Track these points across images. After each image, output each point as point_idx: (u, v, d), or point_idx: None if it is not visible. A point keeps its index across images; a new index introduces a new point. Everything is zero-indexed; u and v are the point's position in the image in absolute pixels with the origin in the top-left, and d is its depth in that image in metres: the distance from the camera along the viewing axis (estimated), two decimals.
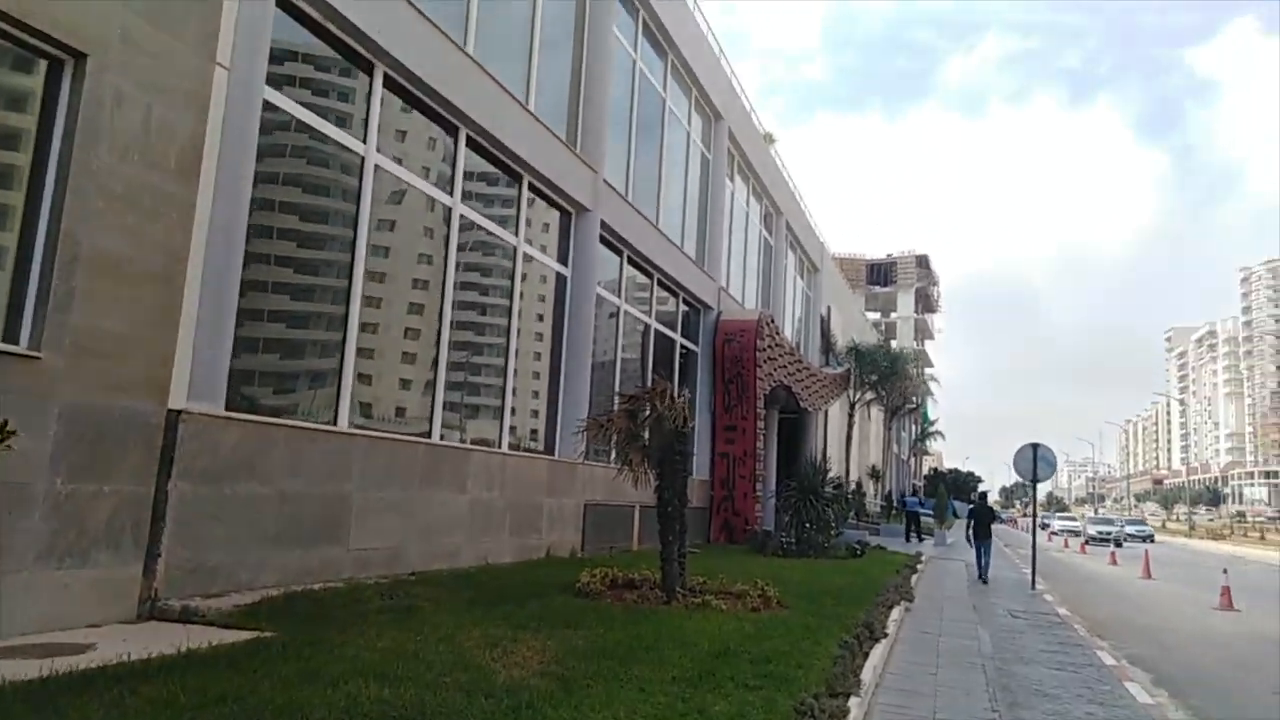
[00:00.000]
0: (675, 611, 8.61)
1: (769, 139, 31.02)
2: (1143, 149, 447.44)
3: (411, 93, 10.48)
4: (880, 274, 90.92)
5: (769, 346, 23.74)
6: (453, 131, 11.45)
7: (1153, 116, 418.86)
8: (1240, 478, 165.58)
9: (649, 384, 11.70)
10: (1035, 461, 16.22)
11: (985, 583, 17.81)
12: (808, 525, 18.70)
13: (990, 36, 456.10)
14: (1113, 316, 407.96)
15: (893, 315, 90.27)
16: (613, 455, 11.85)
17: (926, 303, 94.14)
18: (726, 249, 24.92)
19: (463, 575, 10.02)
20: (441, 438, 10.98)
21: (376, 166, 9.79)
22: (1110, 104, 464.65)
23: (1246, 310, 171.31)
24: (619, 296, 17.30)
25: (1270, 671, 10.22)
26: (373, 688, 4.65)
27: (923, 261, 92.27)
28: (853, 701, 5.50)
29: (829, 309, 40.40)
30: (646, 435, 9.90)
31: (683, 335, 21.18)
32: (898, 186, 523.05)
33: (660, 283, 19.63)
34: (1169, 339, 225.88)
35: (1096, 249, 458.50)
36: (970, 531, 19.77)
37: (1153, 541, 50.12)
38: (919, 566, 18.53)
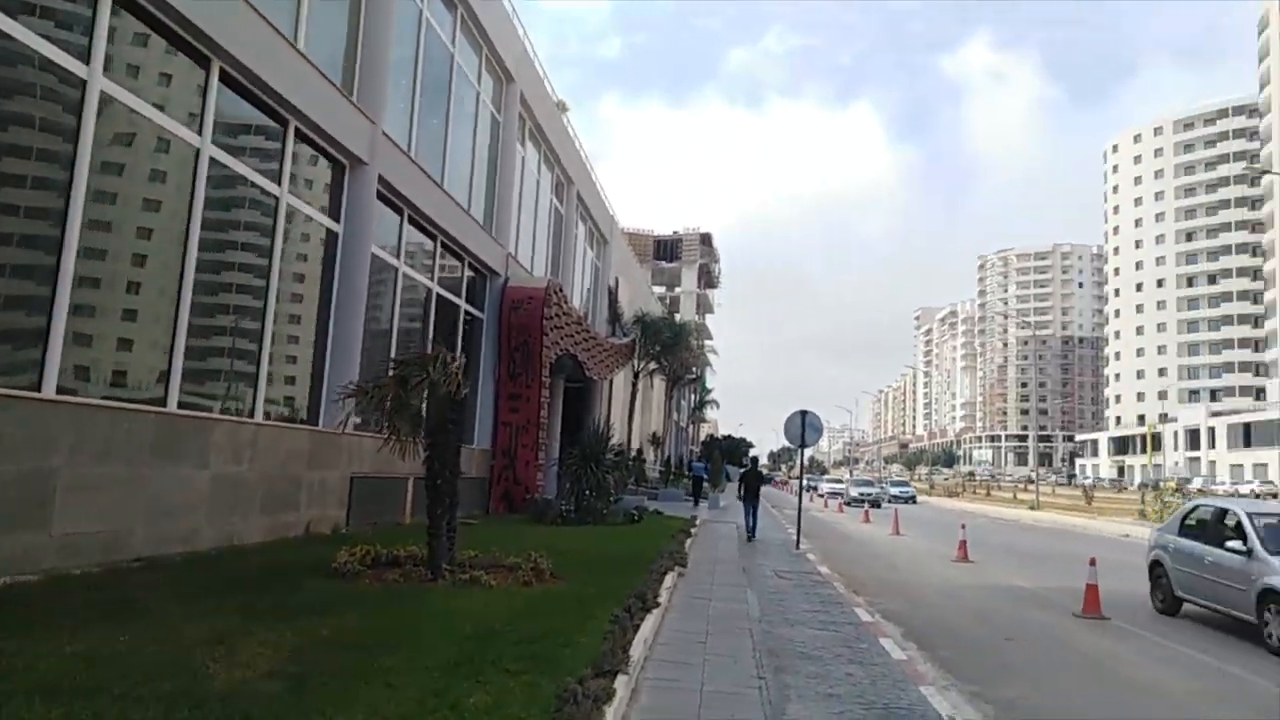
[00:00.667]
0: (441, 590, 8.09)
1: (562, 107, 30.49)
2: (900, 143, 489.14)
3: (152, 14, 9.07)
4: (667, 250, 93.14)
5: (556, 315, 23.41)
6: (204, 63, 10.09)
7: (909, 115, 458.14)
8: (970, 441, 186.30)
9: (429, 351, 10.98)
10: (804, 427, 17.02)
11: (751, 541, 18.92)
12: (587, 492, 18.63)
13: (774, 30, 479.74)
14: (871, 296, 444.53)
15: (677, 290, 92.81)
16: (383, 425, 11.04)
17: (708, 278, 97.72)
18: (516, 215, 24.26)
19: (200, 559, 8.96)
20: (180, 406, 9.72)
21: (103, 94, 8.38)
22: (873, 101, 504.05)
23: (982, 294, 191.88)
24: (398, 258, 16.26)
25: (1002, 620, 11.21)
26: (40, 708, 3.81)
27: (706, 240, 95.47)
28: (620, 680, 5.26)
29: (617, 280, 40.68)
30: (418, 403, 9.23)
31: (468, 302, 20.37)
32: (684, 168, 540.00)
33: (445, 246, 18.70)
34: (917, 318, 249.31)
35: (858, 234, 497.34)
36: (741, 494, 20.70)
37: (915, 502, 51.53)
38: (693, 530, 19.00)
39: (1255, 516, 10.68)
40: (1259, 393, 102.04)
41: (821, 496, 53.57)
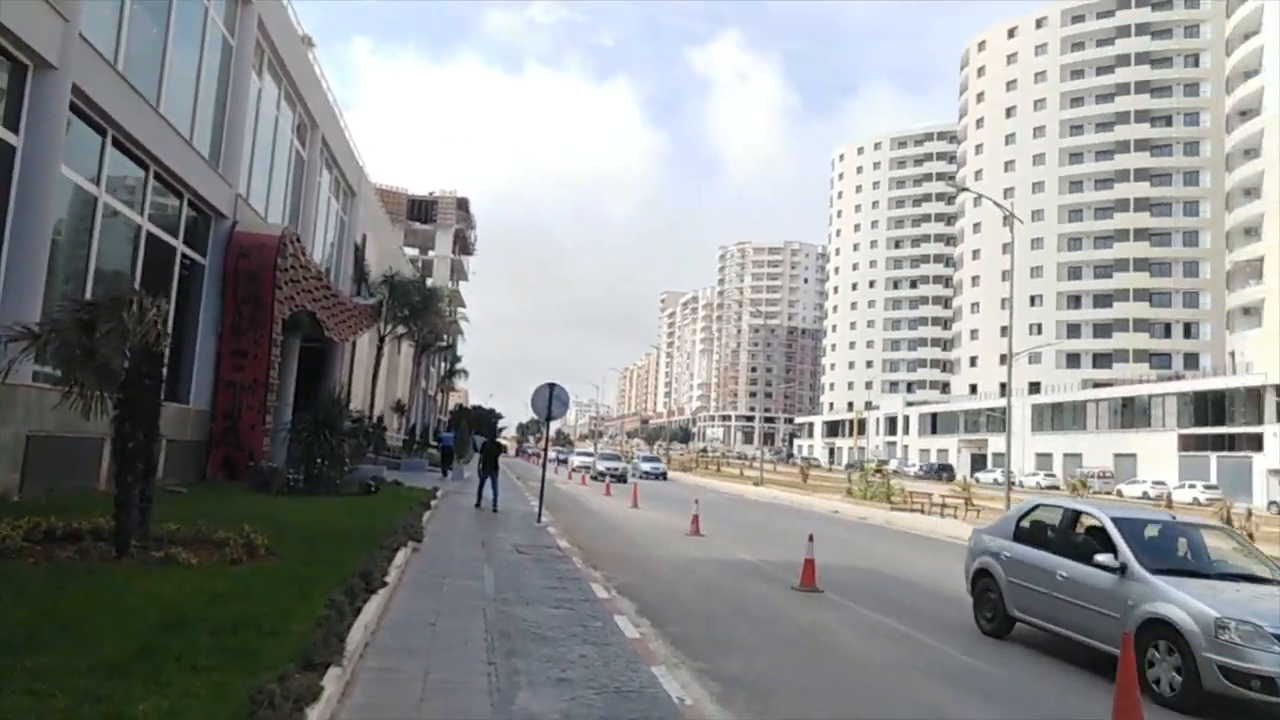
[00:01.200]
0: (125, 570, 6.96)
1: (308, 42, 28.07)
2: (652, 128, 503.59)
3: None
4: (421, 211, 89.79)
5: (292, 267, 21.52)
6: None
7: (660, 101, 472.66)
8: (705, 420, 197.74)
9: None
10: (551, 400, 16.87)
11: (495, 513, 18.57)
12: (319, 461, 17.34)
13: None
14: (621, 276, 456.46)
15: (431, 253, 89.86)
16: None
17: (464, 244, 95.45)
18: (249, 153, 21.96)
19: None
20: None
21: None
22: (630, 83, 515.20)
23: (721, 282, 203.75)
24: (99, 186, 14.05)
25: (728, 593, 11.67)
26: None
27: (463, 204, 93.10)
28: (331, 674, 4.68)
29: (364, 237, 38.41)
30: (108, 354, 7.89)
31: (187, 244, 18.13)
32: (440, 128, 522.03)
33: (161, 179, 16.46)
34: (663, 300, 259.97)
35: (610, 212, 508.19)
36: (480, 466, 20.69)
37: (665, 479, 50.00)
38: (434, 502, 18.31)
39: (1123, 523, 8.81)
40: (945, 387, 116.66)
41: (575, 471, 53.03)
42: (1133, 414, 73.88)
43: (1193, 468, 64.82)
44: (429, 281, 60.65)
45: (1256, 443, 61.82)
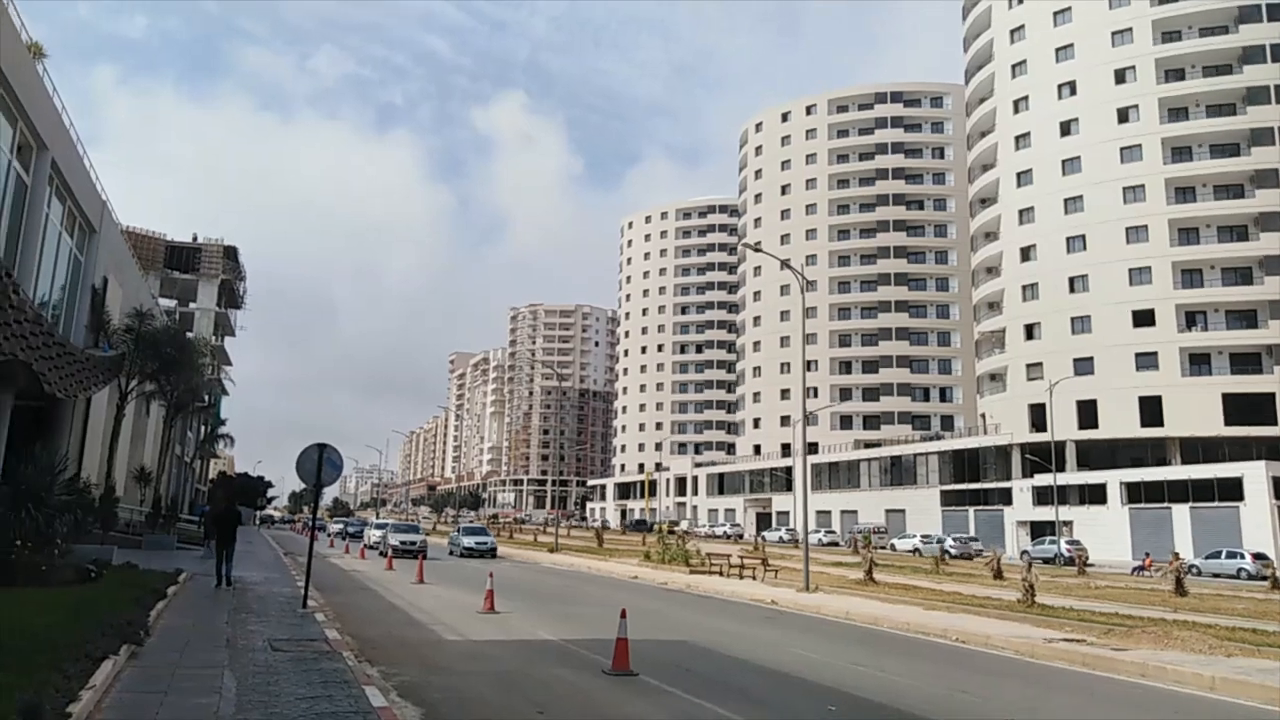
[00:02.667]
0: None
1: (37, 51, 24.29)
2: (434, 187, 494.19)
3: None
4: (182, 259, 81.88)
5: None
6: None
7: (443, 160, 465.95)
8: (496, 484, 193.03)
9: None
10: (321, 463, 14.54)
11: (231, 586, 17.84)
12: (18, 543, 13.93)
13: (326, 50, 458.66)
14: (404, 335, 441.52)
15: (192, 305, 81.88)
16: None
17: (231, 297, 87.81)
18: None
19: None
20: None
21: None
22: (409, 140, 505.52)
23: (513, 343, 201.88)
24: None
25: (532, 684, 10.00)
26: None
27: (230, 253, 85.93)
28: None
29: (105, 280, 33.62)
30: None
31: None
32: (201, 171, 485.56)
33: None
34: (452, 361, 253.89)
35: (390, 269, 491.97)
36: (211, 537, 20.10)
37: (495, 555, 38.54)
38: (172, 589, 15.26)
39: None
40: (730, 448, 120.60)
41: (369, 547, 47.53)
42: (901, 472, 79.10)
43: (954, 520, 69.96)
44: (190, 335, 54.83)
45: (1006, 497, 67.78)
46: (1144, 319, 63.47)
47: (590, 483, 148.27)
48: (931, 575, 33.49)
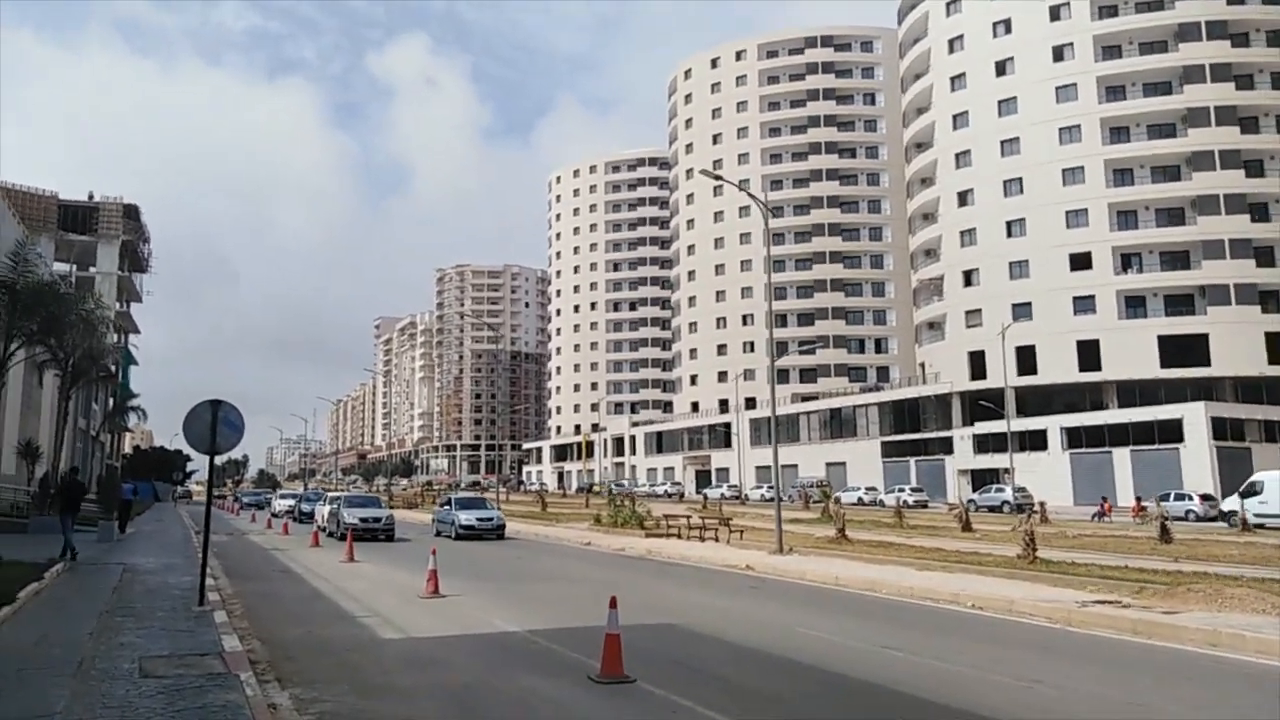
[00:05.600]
0: None
1: None
2: (333, 131, 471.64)
3: None
4: (78, 219, 75.37)
5: None
6: None
7: (340, 108, 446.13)
8: (428, 451, 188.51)
9: None
10: (215, 423, 11.67)
11: (74, 559, 16.95)
12: None
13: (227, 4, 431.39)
14: (313, 297, 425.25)
15: (92, 269, 75.77)
16: None
17: (135, 260, 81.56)
18: None
19: None
20: None
21: None
22: (304, 87, 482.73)
23: (441, 305, 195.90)
24: None
25: (500, 704, 7.54)
26: None
27: (131, 212, 79.50)
28: None
29: None
30: None
31: None
32: (76, 122, 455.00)
33: None
34: (378, 327, 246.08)
35: (290, 228, 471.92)
36: (60, 509, 18.62)
37: (504, 536, 29.38)
38: (32, 588, 12.28)
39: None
40: (667, 406, 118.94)
41: (277, 516, 43.57)
42: (840, 424, 78.46)
43: (895, 472, 69.56)
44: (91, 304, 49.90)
45: (947, 446, 67.52)
46: (1081, 262, 63.28)
47: (525, 446, 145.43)
48: (898, 530, 32.01)
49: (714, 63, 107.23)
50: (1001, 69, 68.51)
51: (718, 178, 27.04)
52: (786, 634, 11.35)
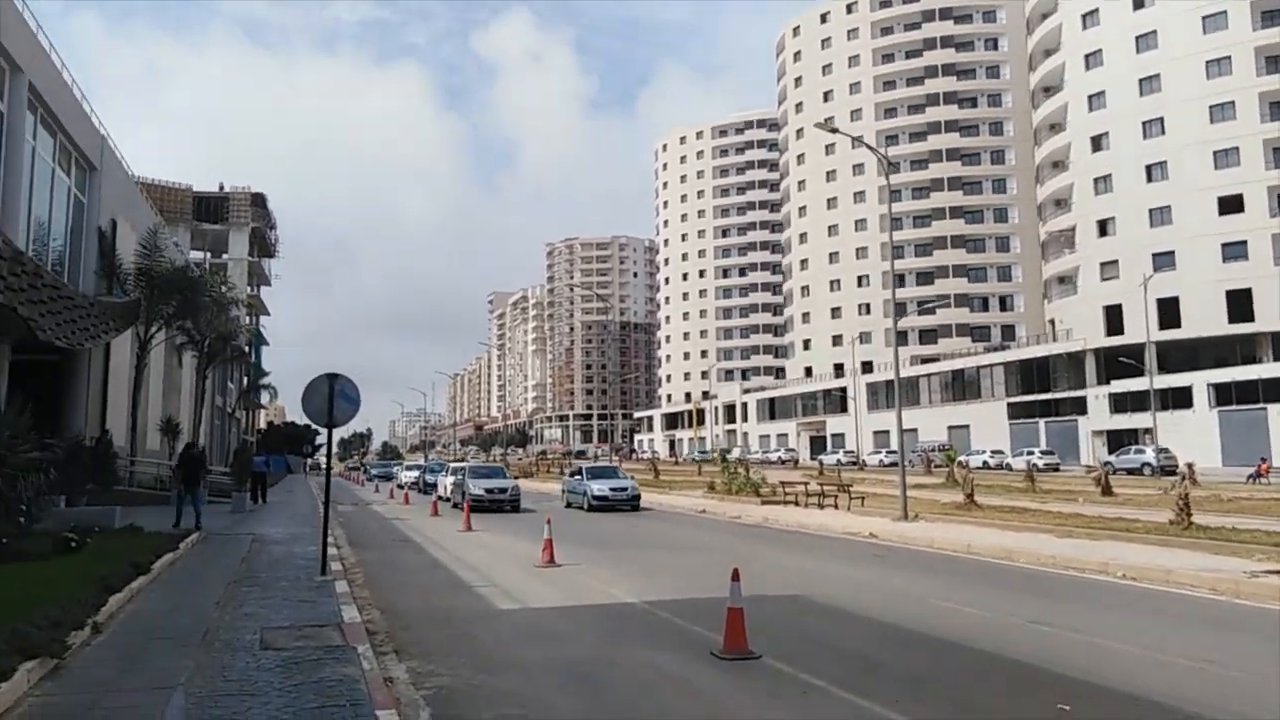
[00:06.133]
0: None
1: None
2: (445, 114, 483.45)
3: None
4: (210, 209, 79.58)
5: None
6: None
7: (449, 90, 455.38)
8: (542, 421, 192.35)
9: None
10: (332, 396, 11.70)
11: (200, 530, 17.23)
12: None
13: None
14: (430, 275, 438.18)
15: (225, 256, 79.98)
16: None
17: (263, 245, 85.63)
18: None
19: None
20: None
21: None
22: (414, 72, 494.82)
23: (551, 279, 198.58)
24: None
25: (620, 678, 7.16)
26: None
27: (259, 200, 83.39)
28: None
29: (114, 223, 31.09)
30: None
31: None
32: (200, 120, 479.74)
33: None
34: (491, 301, 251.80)
35: (407, 209, 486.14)
36: (181, 481, 19.48)
37: (639, 507, 27.95)
38: (167, 558, 12.72)
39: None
40: (779, 372, 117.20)
41: (402, 487, 44.40)
42: (963, 386, 75.34)
43: (1022, 434, 66.34)
44: (225, 290, 52.40)
45: (1080, 406, 63.87)
46: (1231, 205, 58.29)
47: (636, 415, 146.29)
48: (1030, 494, 30.28)
49: (824, 18, 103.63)
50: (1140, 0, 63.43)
51: (834, 130, 25.74)
52: (920, 606, 10.60)
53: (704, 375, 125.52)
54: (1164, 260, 60.38)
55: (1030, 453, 56.58)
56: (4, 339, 21.53)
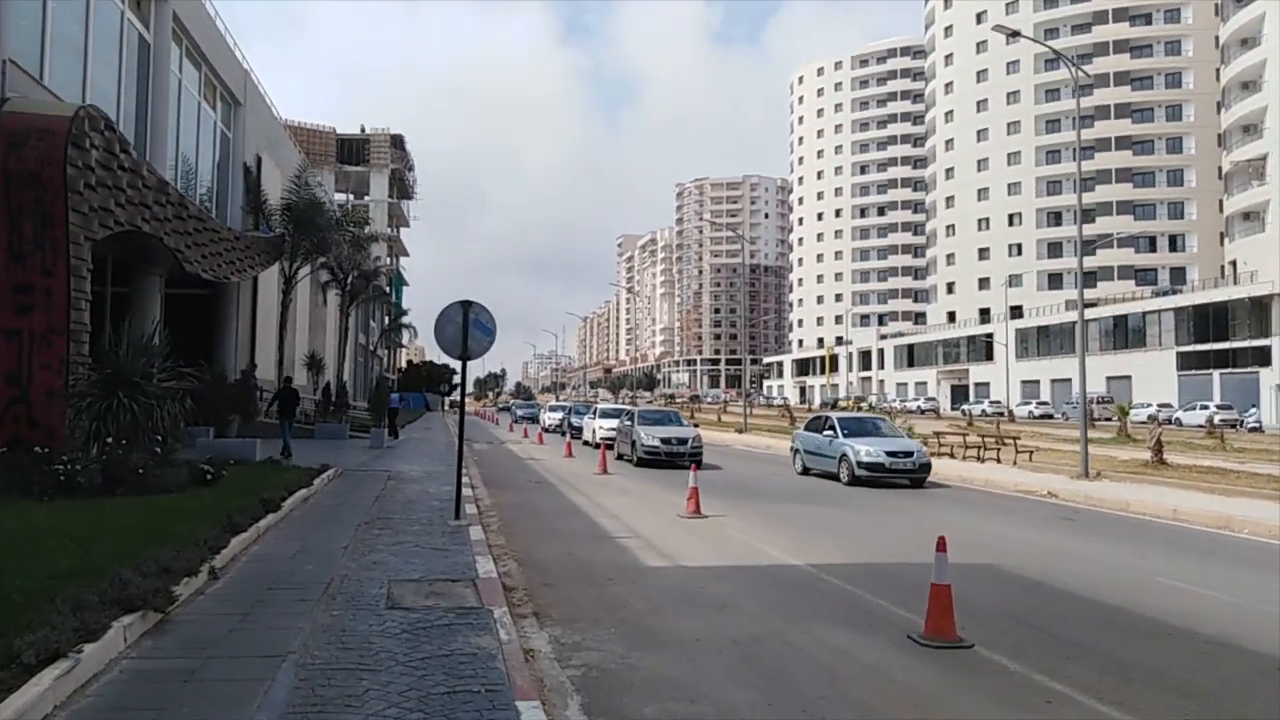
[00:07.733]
0: None
1: None
2: (564, 49, 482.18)
3: None
4: (353, 152, 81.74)
5: (104, 167, 15.03)
6: None
7: (570, 26, 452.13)
8: (669, 365, 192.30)
9: None
10: (467, 326, 10.76)
11: (289, 458, 17.41)
12: (110, 441, 11.19)
13: None
14: (557, 214, 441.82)
15: (366, 198, 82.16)
16: None
17: (402, 187, 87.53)
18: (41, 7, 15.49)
19: None
20: None
21: None
22: (535, 9, 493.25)
23: (680, 221, 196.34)
24: None
25: (801, 664, 5.87)
26: None
27: (398, 141, 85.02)
28: None
29: (259, 159, 31.57)
30: None
31: None
32: (326, 59, 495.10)
33: None
34: (620, 244, 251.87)
35: (531, 147, 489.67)
36: (277, 415, 19.91)
37: (921, 484, 19.27)
38: (300, 494, 12.26)
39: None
40: (918, 317, 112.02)
41: (548, 430, 42.24)
42: (1125, 334, 69.53)
43: (1194, 386, 60.68)
44: (367, 230, 53.41)
45: (1262, 357, 57.67)
46: None
47: (766, 360, 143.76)
48: (1220, 452, 27.07)
49: None
50: None
51: (1015, 34, 22.94)
52: (1143, 584, 8.84)
53: (838, 320, 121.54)
54: None
55: (1205, 406, 51.56)
56: (154, 270, 21.97)
